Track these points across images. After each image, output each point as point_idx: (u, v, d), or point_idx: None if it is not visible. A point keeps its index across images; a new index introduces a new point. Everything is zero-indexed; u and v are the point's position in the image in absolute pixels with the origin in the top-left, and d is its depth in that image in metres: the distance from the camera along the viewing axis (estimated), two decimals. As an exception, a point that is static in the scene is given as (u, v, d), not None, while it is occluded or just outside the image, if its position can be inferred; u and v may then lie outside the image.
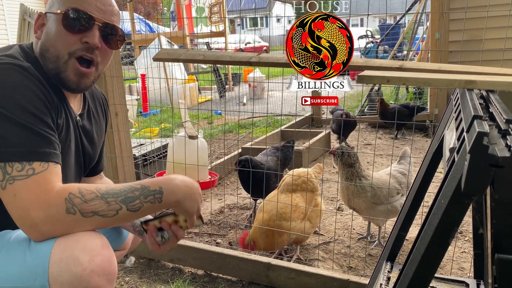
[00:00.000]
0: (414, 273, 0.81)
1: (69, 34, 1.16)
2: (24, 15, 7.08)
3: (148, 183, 1.12)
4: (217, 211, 3.04)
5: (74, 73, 1.19)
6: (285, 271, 2.04)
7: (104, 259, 1.06)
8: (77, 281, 1.02)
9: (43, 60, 1.18)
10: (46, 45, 1.18)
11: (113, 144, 2.38)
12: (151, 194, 1.11)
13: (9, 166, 1.01)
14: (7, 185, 1.01)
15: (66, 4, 1.17)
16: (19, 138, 1.02)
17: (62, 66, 1.17)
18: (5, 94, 1.03)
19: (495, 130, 0.76)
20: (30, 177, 1.01)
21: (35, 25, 1.22)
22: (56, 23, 1.17)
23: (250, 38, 19.49)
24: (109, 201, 1.06)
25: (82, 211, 1.03)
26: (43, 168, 1.04)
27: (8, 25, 12.44)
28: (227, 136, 5.51)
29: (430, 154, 1.40)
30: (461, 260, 2.29)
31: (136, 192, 1.10)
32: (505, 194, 0.65)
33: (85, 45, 1.18)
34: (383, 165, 4.11)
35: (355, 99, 8.06)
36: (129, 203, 1.08)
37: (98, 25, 1.19)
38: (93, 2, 1.18)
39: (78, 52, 1.18)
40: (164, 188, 1.13)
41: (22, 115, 1.03)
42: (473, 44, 4.22)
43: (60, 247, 1.03)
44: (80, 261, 1.02)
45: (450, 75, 1.25)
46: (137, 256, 2.40)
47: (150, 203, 1.11)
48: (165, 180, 1.15)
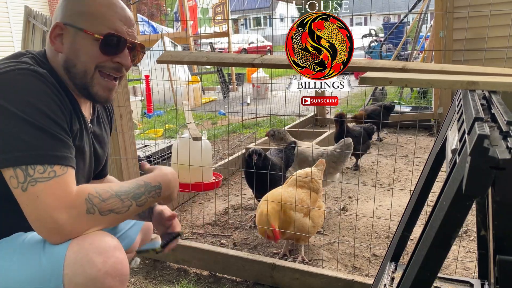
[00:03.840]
0: (416, 274, 0.82)
1: (104, 55, 1.20)
2: (29, 17, 7.12)
3: (149, 179, 1.22)
4: (222, 212, 3.05)
5: (103, 89, 1.24)
6: (290, 271, 2.05)
7: (117, 261, 1.09)
8: (92, 283, 1.04)
9: (69, 74, 1.21)
10: (73, 60, 1.20)
11: (118, 145, 2.40)
12: (153, 189, 1.20)
13: (31, 168, 1.03)
14: (28, 187, 1.02)
15: (99, 27, 1.18)
16: (40, 142, 1.05)
17: (90, 80, 1.21)
18: (25, 99, 1.05)
19: (497, 132, 0.76)
20: (52, 179, 1.04)
21: (51, 35, 1.21)
22: (89, 43, 1.19)
23: (253, 38, 19.48)
24: (123, 198, 1.12)
25: (101, 210, 1.08)
26: (64, 171, 1.06)
27: (12, 27, 12.52)
28: (231, 137, 5.52)
29: (433, 154, 1.40)
30: (466, 260, 2.29)
31: (142, 188, 1.18)
32: (506, 196, 0.66)
33: (116, 64, 1.23)
34: (387, 164, 4.11)
35: (359, 98, 8.05)
36: (137, 199, 1.16)
37: (129, 46, 1.24)
38: (124, 27, 1.23)
39: (107, 69, 1.22)
40: (162, 183, 1.23)
41: (41, 119, 1.05)
42: (477, 43, 4.20)
43: (75, 249, 1.05)
44: (95, 263, 1.04)
45: (452, 76, 1.25)
46: (143, 258, 2.42)
47: (152, 198, 1.21)
48: (160, 175, 1.25)
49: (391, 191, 3.24)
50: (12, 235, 1.16)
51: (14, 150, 1.03)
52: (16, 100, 1.04)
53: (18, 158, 1.02)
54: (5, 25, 12.30)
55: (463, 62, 1.87)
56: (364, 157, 4.21)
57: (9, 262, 1.09)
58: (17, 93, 1.05)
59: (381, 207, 3.04)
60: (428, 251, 0.78)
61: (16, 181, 1.03)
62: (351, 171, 4.01)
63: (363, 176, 3.86)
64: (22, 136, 1.03)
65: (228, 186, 3.67)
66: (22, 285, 1.06)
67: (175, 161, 2.76)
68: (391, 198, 2.92)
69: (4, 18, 12.30)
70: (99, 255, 1.05)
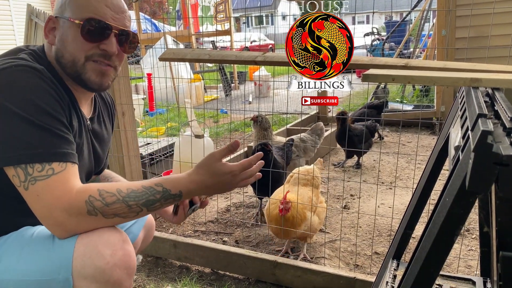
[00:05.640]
0: (419, 271, 0.81)
1: (87, 42, 1.18)
2: (31, 15, 7.12)
3: (170, 186, 1.14)
4: (224, 209, 3.05)
5: (96, 73, 1.21)
6: (292, 269, 2.05)
7: (125, 253, 1.10)
8: (100, 275, 1.05)
9: (60, 65, 1.20)
10: (61, 51, 1.19)
11: (120, 143, 2.40)
12: (171, 197, 1.15)
13: (30, 167, 1.03)
14: (29, 186, 1.03)
15: (82, 13, 1.17)
16: (38, 140, 1.04)
17: (80, 68, 1.19)
18: (23, 96, 1.05)
19: (500, 128, 0.76)
20: (50, 177, 1.04)
21: (45, 29, 1.22)
22: (73, 31, 1.18)
23: (255, 36, 19.47)
24: (131, 204, 1.08)
25: (104, 213, 1.06)
26: (62, 168, 1.06)
27: (15, 25, 12.54)
28: (233, 135, 5.52)
29: (436, 151, 1.40)
30: (468, 258, 2.28)
31: (157, 195, 1.12)
32: (509, 192, 0.65)
33: (103, 52, 1.20)
34: (389, 163, 4.11)
35: (361, 97, 8.03)
36: (150, 206, 1.12)
37: (115, 32, 1.21)
38: (109, 11, 1.20)
39: (95, 57, 1.20)
40: (183, 191, 1.15)
41: (39, 116, 1.05)
42: (479, 41, 4.19)
43: (84, 242, 1.06)
44: (103, 255, 1.06)
45: (455, 73, 1.25)
46: (145, 255, 2.42)
47: (169, 203, 1.16)
48: (185, 183, 1.16)
49: (393, 189, 3.23)
50: (20, 229, 1.18)
51: (13, 148, 1.03)
52: (14, 98, 1.04)
53: (17, 157, 1.03)
54: (7, 24, 12.31)
55: (466, 60, 1.87)
56: (366, 156, 4.21)
57: (18, 254, 1.11)
58: (15, 90, 1.05)
59: (383, 205, 3.04)
60: (431, 247, 0.78)
61: (18, 180, 1.04)
62: (353, 169, 4.01)
63: (365, 174, 3.86)
64: (20, 134, 1.03)
65: (230, 184, 3.67)
66: (32, 277, 1.08)
67: (177, 158, 2.77)
68: (393, 196, 2.91)
69: (6, 17, 12.31)
70: (107, 247, 1.06)
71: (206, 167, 1.17)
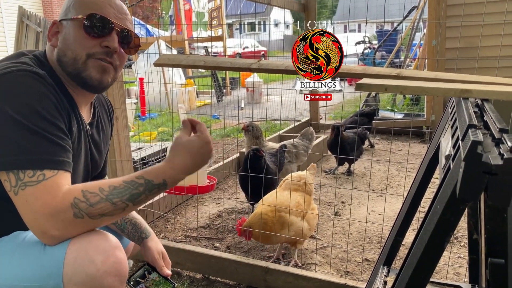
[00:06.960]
0: (410, 277, 0.83)
1: (89, 38, 1.18)
2: (22, 17, 7.09)
3: (151, 176, 1.12)
4: (215, 215, 3.06)
5: (96, 70, 1.20)
6: (283, 275, 2.06)
7: (116, 260, 1.09)
8: (91, 282, 1.05)
9: (61, 65, 1.20)
10: (63, 50, 1.20)
11: (113, 148, 2.40)
12: (155, 187, 1.13)
13: (22, 172, 1.02)
14: (19, 191, 1.02)
15: (85, 10, 1.18)
16: (33, 145, 1.04)
17: (81, 66, 1.19)
18: (23, 101, 1.05)
19: (489, 139, 0.79)
20: (40, 183, 1.02)
21: (49, 33, 1.23)
22: (75, 28, 1.18)
23: (248, 43, 19.54)
24: (115, 201, 1.07)
25: (90, 215, 1.05)
26: (53, 174, 1.05)
27: (6, 27, 12.45)
28: (225, 141, 5.53)
29: (426, 160, 1.43)
30: (457, 265, 2.31)
31: (140, 188, 1.10)
32: (498, 200, 0.68)
33: (104, 49, 1.20)
34: (380, 170, 4.15)
35: (353, 104, 8.10)
36: (135, 200, 1.10)
37: (117, 30, 1.22)
38: (111, 10, 1.21)
39: (97, 55, 1.20)
40: (167, 179, 1.14)
41: (37, 122, 1.04)
42: (469, 51, 4.27)
43: (75, 248, 1.05)
44: (94, 262, 1.05)
45: (446, 84, 1.28)
46: (135, 260, 2.41)
47: (154, 194, 1.14)
48: (167, 170, 1.14)
49: (384, 196, 3.26)
50: (11, 233, 1.17)
51: (7, 153, 1.03)
52: (13, 102, 1.04)
53: (11, 162, 1.02)
54: (-2, 25, 12.24)
55: (456, 70, 1.92)
56: (357, 163, 4.24)
57: (9, 260, 1.10)
58: (15, 95, 1.05)
59: (373, 212, 3.06)
60: (422, 253, 0.80)
61: (9, 185, 1.03)
62: (344, 176, 4.04)
63: (356, 181, 3.89)
64: (16, 139, 1.03)
65: (222, 190, 3.68)
66: (23, 282, 1.07)
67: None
68: (383, 204, 2.94)
69: (-3, 18, 12.25)
70: (99, 254, 1.06)
71: (181, 147, 1.16)
